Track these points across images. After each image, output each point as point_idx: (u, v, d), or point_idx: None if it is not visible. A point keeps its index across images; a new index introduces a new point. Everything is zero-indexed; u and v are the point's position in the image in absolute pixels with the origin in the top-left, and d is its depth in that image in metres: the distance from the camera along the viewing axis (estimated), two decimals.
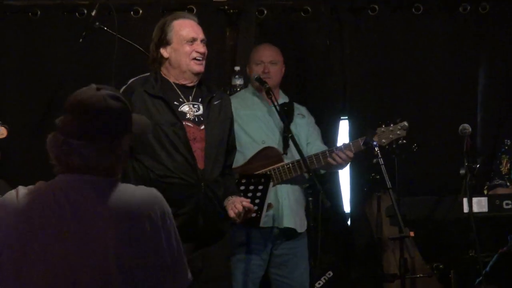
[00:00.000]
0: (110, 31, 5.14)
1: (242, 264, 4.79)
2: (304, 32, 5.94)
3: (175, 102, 4.01)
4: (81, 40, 5.18)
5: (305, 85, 5.95)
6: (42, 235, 2.27)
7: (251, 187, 4.37)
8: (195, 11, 5.67)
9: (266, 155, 4.84)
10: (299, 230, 4.90)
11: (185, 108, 4.02)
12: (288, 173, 4.79)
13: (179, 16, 4.13)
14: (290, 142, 4.79)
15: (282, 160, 4.84)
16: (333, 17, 5.95)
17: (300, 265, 4.93)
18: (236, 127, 4.32)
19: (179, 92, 4.04)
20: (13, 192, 2.35)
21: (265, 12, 5.87)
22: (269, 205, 4.60)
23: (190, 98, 4.06)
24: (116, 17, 5.14)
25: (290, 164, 4.79)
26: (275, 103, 4.66)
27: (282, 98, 5.03)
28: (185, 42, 4.01)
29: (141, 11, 5.66)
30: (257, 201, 4.34)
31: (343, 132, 5.91)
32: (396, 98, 6.03)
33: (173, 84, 4.05)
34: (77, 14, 5.59)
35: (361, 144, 4.77)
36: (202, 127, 4.00)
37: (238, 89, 5.44)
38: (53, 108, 5.56)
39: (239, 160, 4.72)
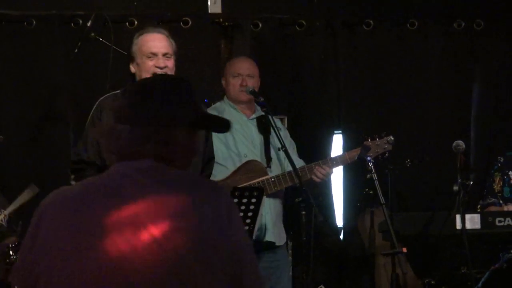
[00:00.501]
0: (106, 42, 5.15)
1: None
2: (299, 46, 5.95)
3: None
4: (76, 50, 5.19)
5: (299, 98, 5.95)
6: (90, 229, 2.10)
7: (244, 200, 4.33)
8: (190, 23, 5.68)
9: (250, 168, 4.77)
10: (277, 243, 4.88)
11: None
12: (273, 187, 4.75)
13: (146, 30, 4.04)
14: (272, 155, 4.78)
15: (266, 174, 4.79)
16: (328, 32, 5.95)
17: (283, 277, 4.92)
18: (215, 140, 4.29)
19: None
20: (58, 190, 2.22)
21: (260, 25, 5.86)
22: None
23: None
24: (111, 28, 5.14)
25: (275, 178, 4.76)
26: (269, 116, 4.66)
27: (258, 111, 4.93)
28: (146, 57, 3.93)
29: (136, 22, 5.63)
30: (250, 214, 4.31)
31: (337, 146, 5.90)
32: (390, 113, 6.03)
33: None
34: (72, 24, 5.57)
35: (349, 160, 4.78)
36: None
37: None
38: (49, 118, 5.55)
39: (222, 173, 4.68)
